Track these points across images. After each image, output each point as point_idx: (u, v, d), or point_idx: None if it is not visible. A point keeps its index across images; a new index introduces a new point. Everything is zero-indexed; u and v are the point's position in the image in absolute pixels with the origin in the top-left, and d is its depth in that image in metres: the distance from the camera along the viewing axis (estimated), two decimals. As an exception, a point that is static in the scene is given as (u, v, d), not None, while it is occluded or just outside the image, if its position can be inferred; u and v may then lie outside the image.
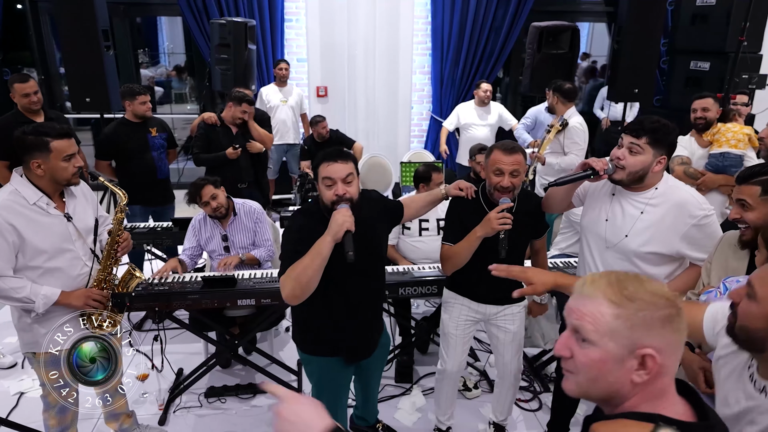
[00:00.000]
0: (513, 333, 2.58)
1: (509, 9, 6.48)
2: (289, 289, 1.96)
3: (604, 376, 0.99)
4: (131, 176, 4.06)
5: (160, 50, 11.07)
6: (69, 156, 2.19)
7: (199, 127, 4.30)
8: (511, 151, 2.27)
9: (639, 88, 5.49)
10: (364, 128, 6.78)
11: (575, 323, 1.02)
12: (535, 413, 3.13)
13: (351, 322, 2.22)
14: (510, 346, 2.61)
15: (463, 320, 2.59)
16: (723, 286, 1.85)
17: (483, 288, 2.49)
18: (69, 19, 4.61)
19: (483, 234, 2.26)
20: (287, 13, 6.53)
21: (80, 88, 4.80)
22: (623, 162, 2.06)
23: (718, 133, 3.53)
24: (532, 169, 4.46)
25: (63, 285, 2.26)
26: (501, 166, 2.26)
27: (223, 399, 3.20)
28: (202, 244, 3.40)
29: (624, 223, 2.13)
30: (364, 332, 2.32)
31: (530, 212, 2.45)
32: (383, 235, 2.34)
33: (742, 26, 4.28)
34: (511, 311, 2.56)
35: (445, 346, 2.65)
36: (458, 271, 2.44)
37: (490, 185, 2.34)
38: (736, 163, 3.48)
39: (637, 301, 0.97)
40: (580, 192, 2.34)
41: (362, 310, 2.25)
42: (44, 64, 6.79)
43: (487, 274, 2.46)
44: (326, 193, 2.03)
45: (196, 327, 3.20)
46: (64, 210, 2.26)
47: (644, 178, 2.08)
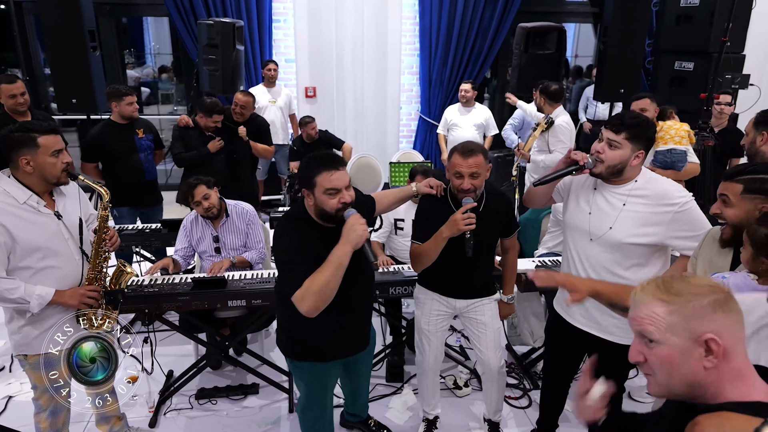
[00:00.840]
0: (486, 324, 2.61)
1: (496, 9, 6.51)
2: (312, 304, 1.92)
3: (677, 369, 1.08)
4: (118, 178, 4.04)
5: (146, 51, 10.99)
6: (57, 151, 2.19)
7: (175, 129, 4.28)
8: (469, 153, 2.31)
9: (624, 88, 5.54)
10: (352, 129, 6.78)
11: (638, 329, 1.12)
12: (524, 410, 3.16)
13: (346, 320, 2.22)
14: (487, 340, 2.63)
15: (434, 315, 2.64)
16: (720, 277, 1.87)
17: (451, 282, 2.56)
18: (54, 19, 4.56)
19: (449, 234, 2.30)
20: (275, 13, 6.51)
21: (66, 89, 4.74)
22: (602, 156, 2.11)
23: (661, 130, 3.64)
24: (517, 167, 4.50)
25: (56, 284, 2.24)
26: (459, 169, 2.33)
27: (214, 400, 3.19)
28: (193, 244, 3.39)
29: (608, 216, 2.17)
30: (359, 328, 2.35)
31: (499, 211, 2.50)
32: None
33: (725, 27, 4.34)
34: (481, 303, 2.61)
35: (420, 341, 2.71)
36: (428, 268, 2.50)
37: (453, 187, 2.41)
38: (682, 158, 3.62)
39: (684, 294, 1.07)
40: (560, 187, 2.38)
41: (356, 307, 2.26)
42: (29, 64, 6.72)
43: (454, 269, 2.51)
44: (329, 202, 1.98)
45: (186, 328, 3.19)
46: (54, 208, 2.25)
47: (623, 172, 2.13)
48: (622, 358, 2.25)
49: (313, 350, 2.25)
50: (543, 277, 1.81)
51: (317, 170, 1.98)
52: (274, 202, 6.33)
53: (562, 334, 2.44)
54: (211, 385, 3.28)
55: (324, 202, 1.99)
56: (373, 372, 3.37)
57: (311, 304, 1.92)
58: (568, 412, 3.08)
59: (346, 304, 2.14)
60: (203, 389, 3.23)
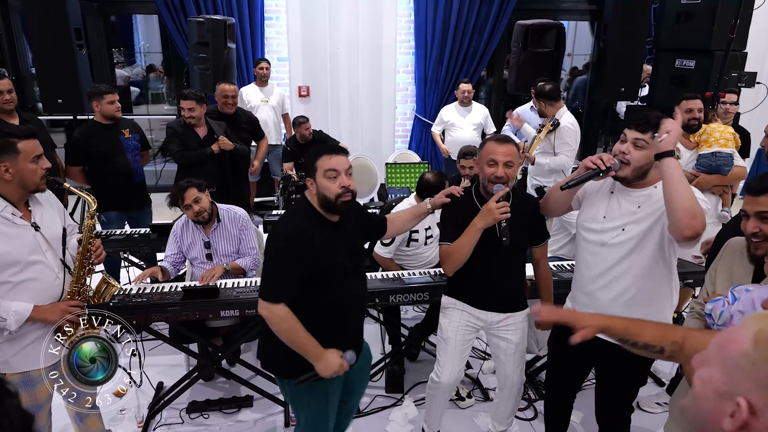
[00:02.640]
0: (515, 344, 2.48)
1: (493, 8, 6.42)
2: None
3: (702, 399, 0.92)
4: (105, 180, 3.89)
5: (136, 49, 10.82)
6: (37, 157, 2.05)
7: (168, 127, 4.13)
8: (504, 141, 2.28)
9: (625, 87, 5.46)
10: (347, 128, 6.67)
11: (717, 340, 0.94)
12: (530, 422, 3.04)
13: (346, 322, 2.12)
14: (512, 357, 2.51)
15: (463, 325, 2.49)
16: (731, 295, 1.77)
17: (482, 290, 2.42)
18: (39, 16, 4.43)
19: (483, 225, 2.22)
20: (267, 11, 6.38)
21: (52, 89, 4.61)
22: (628, 156, 2.02)
23: (704, 133, 3.52)
24: (521, 169, 4.37)
25: (35, 299, 2.10)
26: (495, 156, 2.25)
27: (205, 414, 3.06)
28: (183, 250, 3.25)
29: (621, 218, 2.09)
30: (359, 330, 2.25)
31: (527, 213, 2.39)
32: (361, 244, 2.29)
33: (732, 23, 4.25)
34: (513, 320, 2.47)
35: (442, 354, 2.54)
36: (458, 276, 2.38)
37: (484, 178, 2.30)
38: (728, 162, 3.47)
39: None
40: (579, 194, 2.28)
41: (351, 318, 2.15)
42: (15, 64, 6.54)
43: (487, 277, 2.39)
44: (330, 186, 1.95)
45: (177, 339, 3.05)
46: (31, 219, 2.10)
47: (647, 174, 2.05)
48: (629, 363, 2.17)
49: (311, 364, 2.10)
50: (546, 314, 1.62)
51: (318, 155, 1.99)
52: (268, 204, 6.19)
53: (566, 341, 2.34)
54: (203, 397, 3.15)
55: (325, 187, 1.96)
56: (373, 383, 3.25)
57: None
58: (575, 424, 2.98)
59: (342, 318, 2.07)
60: (195, 402, 3.10)
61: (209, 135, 4.03)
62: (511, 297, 2.47)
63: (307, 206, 2.04)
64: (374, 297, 2.89)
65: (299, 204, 2.10)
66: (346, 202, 1.97)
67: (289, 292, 1.94)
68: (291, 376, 2.04)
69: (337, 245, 2.02)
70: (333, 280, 2.00)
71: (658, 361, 3.44)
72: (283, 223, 2.07)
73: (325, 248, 1.97)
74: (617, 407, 2.34)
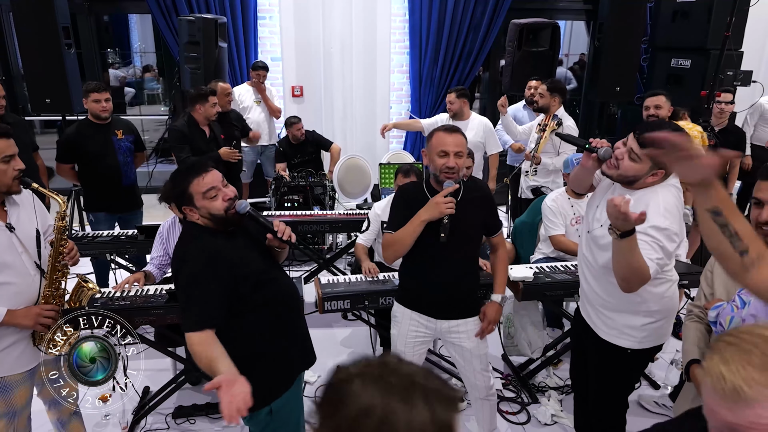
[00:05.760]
0: (471, 351, 2.41)
1: (488, 7, 6.35)
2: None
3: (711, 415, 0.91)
4: (94, 181, 3.86)
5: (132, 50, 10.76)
6: (8, 156, 1.99)
7: (173, 130, 4.08)
8: (453, 131, 2.25)
9: (621, 87, 5.42)
10: (341, 129, 6.61)
11: None
12: (523, 426, 2.98)
13: (291, 327, 2.04)
14: (470, 363, 2.44)
15: (412, 337, 2.43)
16: (739, 299, 1.70)
17: (429, 294, 2.36)
18: (27, 15, 4.37)
19: (427, 218, 2.18)
20: (260, 10, 6.31)
21: (40, 89, 4.56)
22: (620, 162, 1.97)
23: None
24: (533, 169, 4.20)
25: (9, 303, 2.03)
26: (445, 147, 2.21)
27: (192, 419, 2.99)
28: (170, 252, 3.18)
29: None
30: (303, 343, 2.12)
31: (476, 199, 2.34)
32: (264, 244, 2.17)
33: (728, 21, 4.20)
34: (465, 327, 2.39)
35: None
36: (403, 275, 2.40)
37: (435, 169, 2.26)
38: None
39: None
40: (597, 176, 2.26)
41: (290, 312, 2.07)
42: (5, 63, 6.47)
43: (431, 275, 2.32)
44: (214, 204, 1.89)
45: (162, 342, 2.99)
46: (6, 220, 2.04)
47: (634, 183, 2.00)
48: (612, 360, 2.13)
49: (278, 378, 1.96)
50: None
51: (186, 182, 1.89)
52: (260, 205, 6.13)
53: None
54: (189, 402, 3.08)
55: (210, 207, 1.89)
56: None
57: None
58: (568, 427, 2.92)
59: (283, 294, 2.02)
60: (181, 407, 3.04)
61: (213, 134, 4.04)
62: (459, 301, 2.39)
63: (200, 227, 1.93)
64: (364, 299, 2.84)
65: (191, 229, 1.95)
66: (236, 212, 1.92)
67: (214, 315, 1.77)
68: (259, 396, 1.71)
69: (247, 251, 1.97)
70: (259, 279, 1.92)
71: (653, 364, 3.40)
72: (187, 249, 1.90)
73: (239, 256, 1.90)
74: (600, 406, 2.29)
